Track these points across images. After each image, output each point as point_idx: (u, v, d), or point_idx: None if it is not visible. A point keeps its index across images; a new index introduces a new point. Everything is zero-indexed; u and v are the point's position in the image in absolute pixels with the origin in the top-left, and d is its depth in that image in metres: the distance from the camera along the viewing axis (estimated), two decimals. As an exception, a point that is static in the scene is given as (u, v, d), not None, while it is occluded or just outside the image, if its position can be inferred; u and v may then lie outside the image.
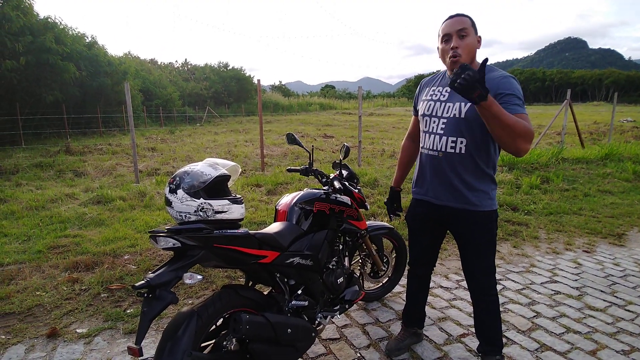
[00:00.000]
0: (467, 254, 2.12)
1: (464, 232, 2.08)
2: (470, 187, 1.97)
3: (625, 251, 4.06)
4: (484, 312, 2.16)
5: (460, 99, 1.91)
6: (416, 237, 2.33)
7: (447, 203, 2.05)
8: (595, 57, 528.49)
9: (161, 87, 30.60)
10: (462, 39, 1.86)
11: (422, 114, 2.09)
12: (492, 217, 2.04)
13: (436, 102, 2.03)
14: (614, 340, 2.52)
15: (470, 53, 1.88)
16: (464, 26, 1.86)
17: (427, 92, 2.12)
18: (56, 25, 17.40)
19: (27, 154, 11.05)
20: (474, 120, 1.86)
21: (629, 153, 8.87)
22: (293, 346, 1.93)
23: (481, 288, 2.13)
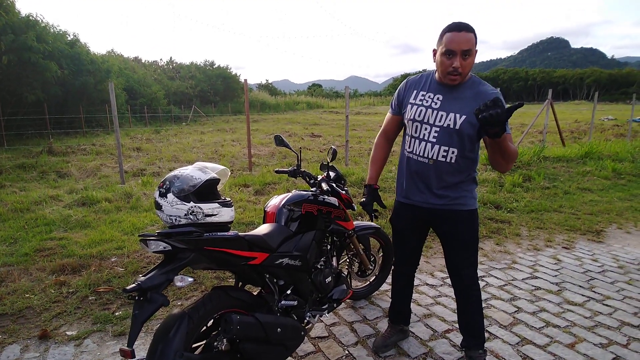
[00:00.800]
0: (452, 251, 2.20)
1: (450, 230, 2.16)
2: (455, 189, 2.07)
3: (604, 247, 4.21)
4: (468, 307, 2.24)
5: (455, 109, 1.96)
6: (402, 238, 2.38)
7: (433, 205, 2.12)
8: (577, 56, 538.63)
9: (146, 85, 30.23)
10: (464, 59, 1.87)
11: (412, 118, 2.08)
12: (475, 215, 2.15)
13: (427, 108, 2.03)
14: (591, 334, 2.63)
15: (469, 70, 1.94)
16: (470, 47, 1.85)
17: (415, 95, 2.10)
18: (38, 24, 17.04)
19: (9, 155, 10.84)
20: (466, 133, 1.94)
21: (609, 151, 9.13)
22: (283, 345, 1.97)
23: (465, 283, 2.22)
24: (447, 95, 2.00)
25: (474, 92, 1.95)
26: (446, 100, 1.99)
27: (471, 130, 1.94)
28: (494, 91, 1.96)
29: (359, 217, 4.85)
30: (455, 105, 1.96)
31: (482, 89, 1.95)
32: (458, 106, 1.95)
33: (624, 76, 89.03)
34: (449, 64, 1.89)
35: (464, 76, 1.93)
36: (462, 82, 1.97)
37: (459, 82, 1.96)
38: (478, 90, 1.95)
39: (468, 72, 1.93)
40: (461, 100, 1.96)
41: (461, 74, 1.89)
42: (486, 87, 1.97)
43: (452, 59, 1.88)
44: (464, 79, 1.96)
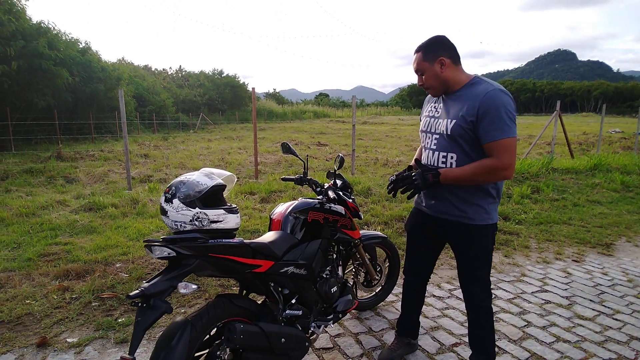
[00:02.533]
0: (460, 265, 2.15)
1: (458, 243, 2.11)
2: (463, 200, 2.00)
3: (614, 261, 4.13)
4: (476, 323, 2.18)
5: (447, 116, 1.97)
6: (413, 245, 2.36)
7: (442, 215, 2.09)
8: (584, 68, 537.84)
9: (155, 93, 30.55)
10: (421, 76, 1.98)
11: (421, 129, 2.18)
12: (487, 231, 2.02)
13: (431, 118, 2.09)
14: (602, 349, 2.56)
15: (438, 82, 1.96)
16: (416, 67, 1.98)
17: (427, 108, 2.19)
18: (49, 30, 17.33)
19: (17, 160, 10.94)
20: (459, 136, 1.91)
21: (617, 164, 9.03)
22: (287, 355, 1.93)
23: (473, 299, 2.14)
24: (446, 103, 2.02)
25: (468, 94, 1.92)
26: (445, 108, 2.02)
27: (463, 133, 1.89)
28: (486, 89, 1.85)
29: (365, 226, 4.81)
30: (450, 111, 1.97)
31: (476, 90, 1.88)
32: (452, 111, 1.96)
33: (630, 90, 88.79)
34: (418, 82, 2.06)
35: (437, 89, 1.99)
36: (457, 88, 1.97)
37: (455, 89, 1.97)
38: (472, 92, 1.90)
39: (435, 84, 1.97)
40: (455, 105, 1.96)
41: (429, 88, 2.01)
42: (479, 87, 1.89)
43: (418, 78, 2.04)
44: (441, 90, 2.00)
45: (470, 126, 1.85)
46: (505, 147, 1.80)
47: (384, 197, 5.91)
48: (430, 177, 1.89)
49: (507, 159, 1.80)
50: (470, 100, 1.87)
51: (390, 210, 5.27)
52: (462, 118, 1.87)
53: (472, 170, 1.85)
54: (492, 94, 1.82)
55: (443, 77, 1.94)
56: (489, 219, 2.00)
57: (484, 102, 1.81)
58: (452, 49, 1.94)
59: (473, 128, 1.85)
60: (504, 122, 1.79)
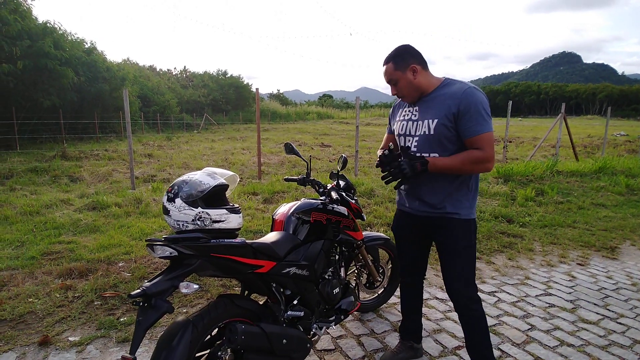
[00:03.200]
0: (443, 262, 2.12)
1: (442, 239, 2.09)
2: (446, 195, 2.02)
3: (618, 264, 4.09)
4: (469, 327, 2.12)
5: (429, 116, 1.99)
6: (403, 246, 2.36)
7: (425, 213, 2.09)
8: (589, 71, 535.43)
9: (159, 93, 30.66)
10: (395, 85, 2.02)
11: (397, 134, 2.18)
12: (470, 226, 2.05)
13: (408, 121, 2.11)
14: (605, 353, 2.54)
15: (412, 89, 2.00)
16: (388, 77, 2.01)
17: (400, 113, 2.20)
18: (55, 30, 17.45)
19: (22, 159, 11.00)
20: (443, 135, 1.95)
21: (622, 167, 8.97)
22: (288, 357, 1.92)
23: (461, 302, 2.09)
24: (422, 105, 2.05)
25: (446, 94, 1.96)
26: (422, 110, 2.05)
27: (447, 132, 1.94)
28: (462, 87, 1.93)
29: (368, 227, 4.80)
30: (429, 112, 2.00)
31: (449, 90, 1.96)
32: (431, 112, 1.99)
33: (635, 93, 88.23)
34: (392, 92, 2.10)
35: (412, 96, 2.03)
36: (430, 91, 2.01)
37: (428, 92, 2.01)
38: (449, 92, 1.96)
39: (409, 92, 2.01)
40: (434, 105, 1.99)
41: (404, 96, 2.06)
42: (454, 87, 1.96)
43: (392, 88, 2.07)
44: (416, 97, 2.03)
45: (453, 124, 1.92)
46: (487, 140, 1.88)
47: (386, 198, 5.89)
48: (419, 166, 1.89)
49: (491, 151, 1.89)
50: (449, 100, 1.93)
51: (393, 211, 5.24)
52: (445, 117, 1.93)
53: (461, 160, 1.90)
54: (469, 92, 1.90)
55: (416, 83, 1.99)
56: (471, 213, 2.05)
57: (463, 99, 1.88)
58: (419, 55, 2.00)
59: (454, 125, 1.92)
60: (483, 117, 1.88)
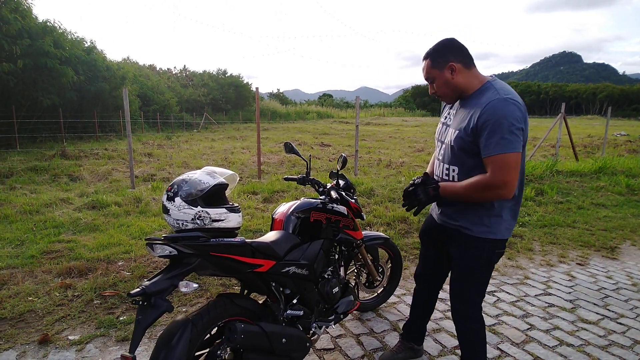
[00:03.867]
0: (451, 274, 2.06)
1: (453, 252, 2.01)
2: (464, 211, 1.89)
3: (618, 264, 4.09)
4: (460, 341, 2.08)
5: (454, 125, 1.86)
6: (423, 251, 2.35)
7: (444, 223, 2.02)
8: (589, 71, 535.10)
9: (159, 92, 30.63)
10: (432, 83, 1.88)
11: (435, 137, 2.09)
12: (484, 246, 1.86)
13: (443, 125, 2.00)
14: (605, 353, 2.54)
15: (450, 89, 1.84)
16: (426, 75, 1.88)
17: (444, 113, 2.06)
18: (55, 29, 17.42)
19: (22, 158, 10.99)
20: (460, 149, 1.81)
21: (622, 167, 8.96)
22: (288, 356, 1.92)
23: (458, 315, 2.03)
24: (458, 110, 1.90)
25: (475, 103, 1.77)
26: (456, 115, 1.90)
27: (464, 146, 1.77)
28: (491, 98, 1.70)
29: (368, 227, 4.80)
30: (456, 120, 1.87)
31: (482, 99, 1.74)
32: (457, 121, 1.86)
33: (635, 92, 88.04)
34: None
35: (450, 96, 1.89)
36: (470, 93, 1.82)
37: (468, 94, 1.84)
38: (478, 100, 1.76)
39: (446, 92, 1.87)
40: (461, 113, 1.85)
41: (441, 96, 1.91)
42: (486, 96, 1.74)
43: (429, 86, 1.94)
44: (454, 97, 1.90)
45: (471, 138, 1.73)
46: (501, 163, 1.64)
47: (386, 198, 5.89)
48: (431, 191, 1.84)
49: (502, 176, 1.64)
50: (473, 110, 1.74)
51: (393, 211, 5.25)
52: (464, 130, 1.76)
53: (466, 187, 1.74)
54: (494, 104, 1.67)
55: (454, 83, 1.81)
56: (488, 232, 1.84)
57: (484, 112, 1.68)
58: (462, 51, 1.80)
59: (473, 140, 1.73)
60: (502, 135, 1.63)
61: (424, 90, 78.46)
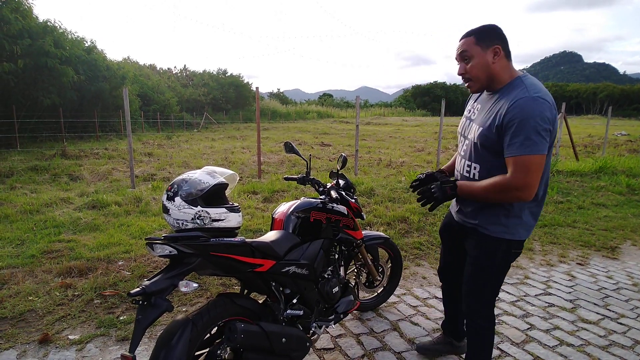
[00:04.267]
0: (465, 271, 2.04)
1: (469, 250, 1.99)
2: (483, 208, 1.86)
3: (619, 264, 4.09)
4: (470, 337, 2.06)
5: (479, 121, 1.81)
6: (443, 247, 2.39)
7: (462, 222, 2.02)
8: (590, 70, 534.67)
9: (159, 92, 30.64)
10: (466, 62, 1.77)
11: (458, 132, 2.04)
12: (500, 246, 1.83)
13: (467, 119, 1.94)
14: (606, 353, 2.54)
15: (482, 73, 1.74)
16: (464, 48, 1.75)
17: (468, 107, 2.00)
18: (55, 29, 17.45)
19: (22, 157, 11.00)
20: (483, 147, 1.76)
21: (623, 166, 8.96)
22: (287, 356, 1.92)
23: (470, 311, 2.01)
24: (484, 105, 1.84)
25: (503, 99, 1.70)
26: (481, 110, 1.84)
27: (487, 143, 1.72)
28: (519, 96, 1.63)
29: (368, 226, 4.80)
30: (480, 116, 1.81)
31: (510, 95, 1.67)
32: (482, 116, 1.79)
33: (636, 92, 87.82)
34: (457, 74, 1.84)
35: (479, 81, 1.77)
36: (500, 86, 1.76)
37: (497, 87, 1.77)
38: (507, 97, 1.68)
39: (479, 75, 1.75)
40: (487, 109, 1.78)
41: (470, 79, 1.79)
42: (514, 93, 1.66)
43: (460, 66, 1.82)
44: (483, 84, 1.79)
45: (495, 137, 1.67)
46: (523, 165, 1.59)
47: (386, 197, 5.89)
48: (448, 190, 1.79)
49: (522, 179, 1.59)
50: (499, 107, 1.68)
51: (393, 211, 5.25)
52: (488, 127, 1.71)
53: (485, 187, 1.70)
54: (522, 103, 1.60)
55: (492, 68, 1.72)
56: (505, 232, 1.81)
57: (510, 110, 1.62)
58: (506, 40, 1.73)
59: (497, 139, 1.67)
60: (527, 135, 1.57)
61: (424, 90, 78.33)
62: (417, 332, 2.75)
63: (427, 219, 5.07)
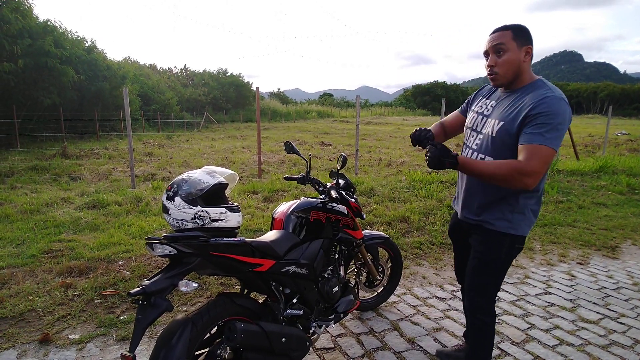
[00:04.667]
0: (468, 268, 2.06)
1: (473, 245, 2.02)
2: (488, 205, 1.90)
3: (619, 264, 4.09)
4: (471, 332, 2.08)
5: (496, 116, 1.84)
6: (454, 248, 2.39)
7: (466, 220, 2.03)
8: (590, 70, 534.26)
9: (159, 92, 30.62)
10: (499, 55, 1.79)
11: (467, 126, 2.06)
12: (504, 241, 1.88)
13: (479, 115, 1.98)
14: (606, 353, 2.54)
15: (512, 69, 1.78)
16: (501, 40, 1.77)
17: (477, 103, 2.06)
18: (56, 29, 17.43)
19: (22, 157, 10.99)
20: (501, 140, 1.79)
21: (623, 166, 8.95)
22: (287, 355, 1.93)
23: (472, 306, 2.04)
24: (501, 102, 1.88)
25: (527, 97, 1.75)
26: (497, 107, 1.88)
27: (508, 139, 1.76)
28: (545, 94, 1.69)
29: (368, 226, 4.80)
30: (501, 112, 1.84)
31: (536, 93, 1.72)
32: (502, 112, 1.82)
33: (637, 91, 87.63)
34: (486, 66, 1.86)
35: (506, 76, 1.81)
36: (519, 86, 1.82)
37: (516, 86, 1.83)
38: (531, 94, 1.74)
39: (507, 71, 1.79)
40: (508, 105, 1.82)
41: (498, 73, 1.81)
42: (539, 91, 1.72)
43: (488, 59, 1.84)
44: (508, 80, 1.82)
45: (517, 131, 1.73)
46: (539, 154, 1.64)
47: (387, 197, 5.89)
48: (447, 164, 1.74)
49: (536, 166, 1.63)
50: (522, 103, 1.74)
51: (394, 210, 5.25)
52: (511, 122, 1.75)
53: (495, 166, 1.71)
54: (550, 101, 1.67)
55: (522, 67, 1.78)
56: (510, 228, 1.86)
57: (537, 105, 1.68)
58: (533, 44, 1.79)
59: (518, 133, 1.72)
60: (549, 129, 1.64)
61: (425, 89, 78.13)
62: (417, 331, 2.75)
63: (427, 219, 5.07)
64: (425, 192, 6.12)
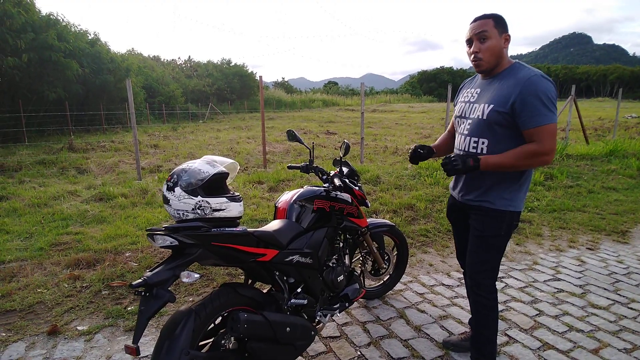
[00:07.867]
0: (470, 247, 2.09)
1: (473, 224, 2.06)
2: (487, 185, 1.97)
3: (629, 249, 4.03)
4: (475, 312, 2.12)
5: (484, 100, 1.93)
6: (454, 230, 2.41)
7: (466, 201, 2.08)
8: (599, 52, 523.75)
9: (164, 84, 30.59)
10: (482, 42, 1.88)
11: (455, 115, 2.16)
12: (504, 217, 1.97)
13: (466, 103, 2.07)
14: (616, 339, 2.50)
15: (494, 55, 1.89)
16: (484, 28, 1.86)
17: (463, 94, 2.15)
18: (58, 22, 17.40)
19: (30, 151, 11.08)
20: (494, 122, 1.88)
21: (634, 149, 8.80)
22: (292, 345, 1.92)
23: (470, 282, 2.10)
24: (485, 88, 1.98)
25: (509, 81, 1.87)
26: (482, 93, 1.98)
27: (500, 119, 1.86)
28: (528, 75, 1.82)
29: (373, 214, 4.77)
30: (487, 96, 1.93)
31: (517, 77, 1.84)
32: (489, 96, 1.92)
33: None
34: (469, 52, 1.94)
35: (489, 62, 1.90)
36: (499, 71, 1.93)
37: (496, 72, 1.94)
38: (513, 78, 1.86)
39: (491, 57, 1.89)
40: (493, 90, 1.92)
41: (482, 59, 1.90)
42: (521, 73, 1.85)
43: (471, 47, 1.92)
44: (491, 65, 1.92)
45: (509, 111, 1.82)
46: (547, 133, 1.78)
47: (392, 185, 5.85)
48: (471, 162, 1.84)
49: (549, 144, 1.79)
50: (510, 86, 1.84)
51: (399, 198, 5.21)
52: (501, 104, 1.84)
53: (515, 156, 1.82)
54: (535, 80, 1.79)
55: (502, 53, 1.90)
56: (509, 205, 1.96)
57: (524, 88, 1.79)
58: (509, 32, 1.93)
59: (511, 114, 1.82)
60: (543, 107, 1.77)
61: (431, 75, 77.26)
62: (424, 319, 2.73)
63: (433, 206, 5.03)
64: (432, 179, 6.07)
